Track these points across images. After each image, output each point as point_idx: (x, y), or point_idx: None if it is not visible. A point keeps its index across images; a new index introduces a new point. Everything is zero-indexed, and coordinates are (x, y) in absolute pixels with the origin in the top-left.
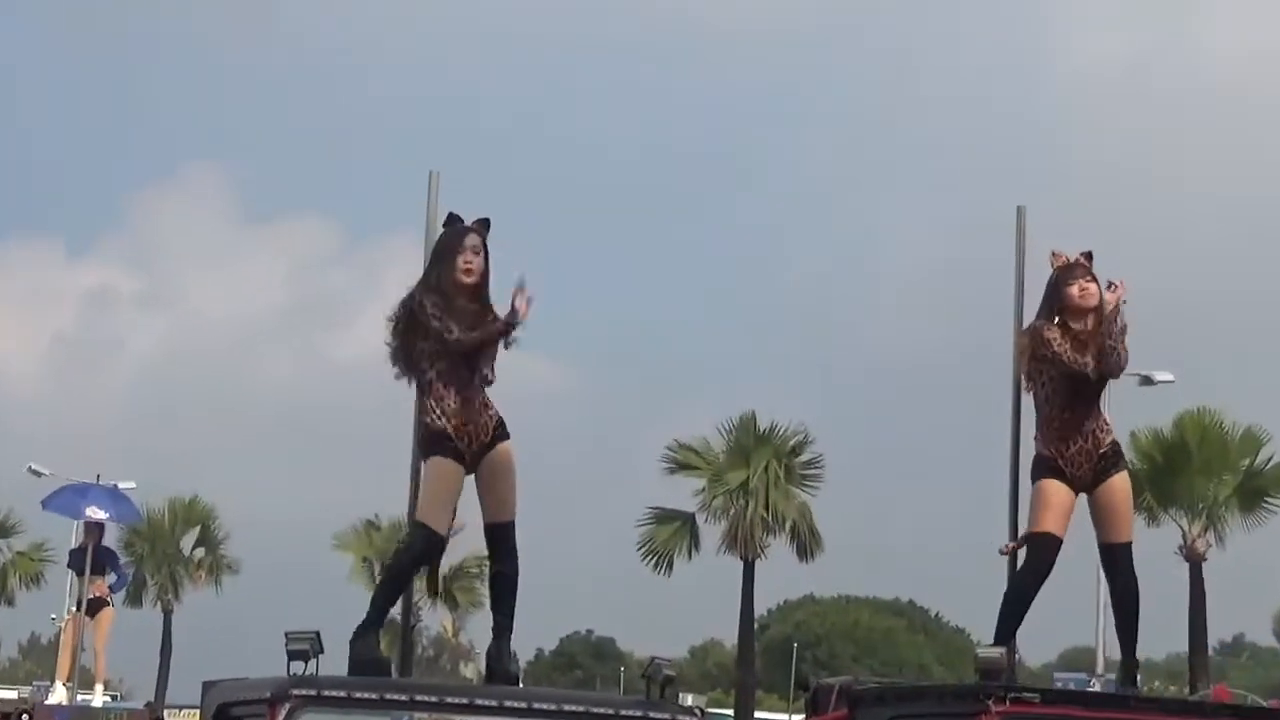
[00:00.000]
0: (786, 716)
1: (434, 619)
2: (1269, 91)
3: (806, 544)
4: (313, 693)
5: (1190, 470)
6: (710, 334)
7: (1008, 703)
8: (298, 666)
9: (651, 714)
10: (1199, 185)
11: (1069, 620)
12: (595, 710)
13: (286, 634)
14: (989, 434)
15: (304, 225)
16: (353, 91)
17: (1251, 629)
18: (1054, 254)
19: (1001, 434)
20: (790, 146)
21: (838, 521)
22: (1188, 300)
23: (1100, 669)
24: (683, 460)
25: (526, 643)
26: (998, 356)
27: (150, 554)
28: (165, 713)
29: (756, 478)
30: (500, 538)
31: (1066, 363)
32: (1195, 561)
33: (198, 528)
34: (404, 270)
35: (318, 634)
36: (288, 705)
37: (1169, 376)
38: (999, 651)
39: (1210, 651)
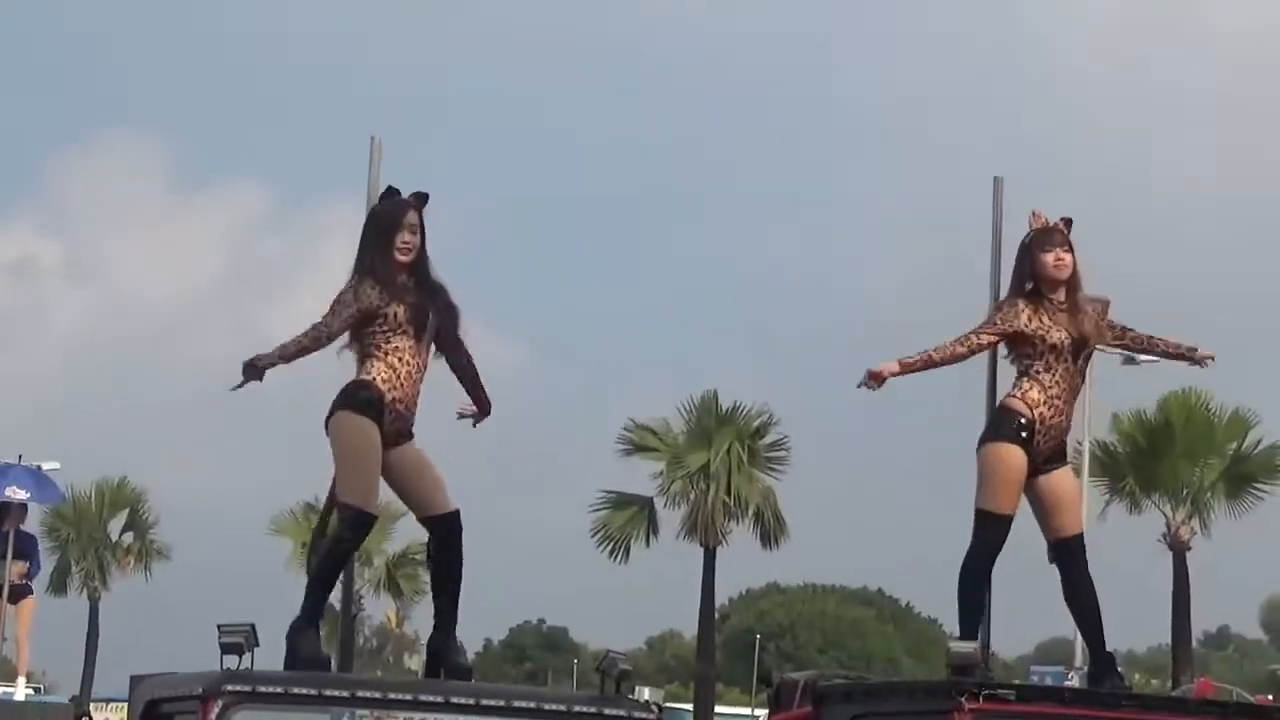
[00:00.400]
0: (749, 711)
1: (377, 608)
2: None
3: (770, 530)
4: (247, 688)
5: (1174, 454)
6: (669, 317)
7: (981, 700)
8: (231, 661)
9: (606, 710)
10: (1189, 174)
11: (1045, 611)
12: (547, 707)
13: (219, 626)
14: (961, 416)
15: (236, 191)
16: (282, 50)
17: (1237, 620)
18: (1034, 214)
19: (974, 416)
20: (779, 144)
21: (803, 507)
22: (1174, 288)
23: (1079, 662)
24: (640, 441)
25: (474, 633)
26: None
27: (76, 539)
28: (91, 706)
29: (718, 460)
30: (451, 529)
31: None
32: (1179, 550)
33: (126, 511)
34: (343, 238)
35: (252, 626)
36: (221, 702)
37: (1152, 357)
38: (972, 646)
39: (1194, 643)
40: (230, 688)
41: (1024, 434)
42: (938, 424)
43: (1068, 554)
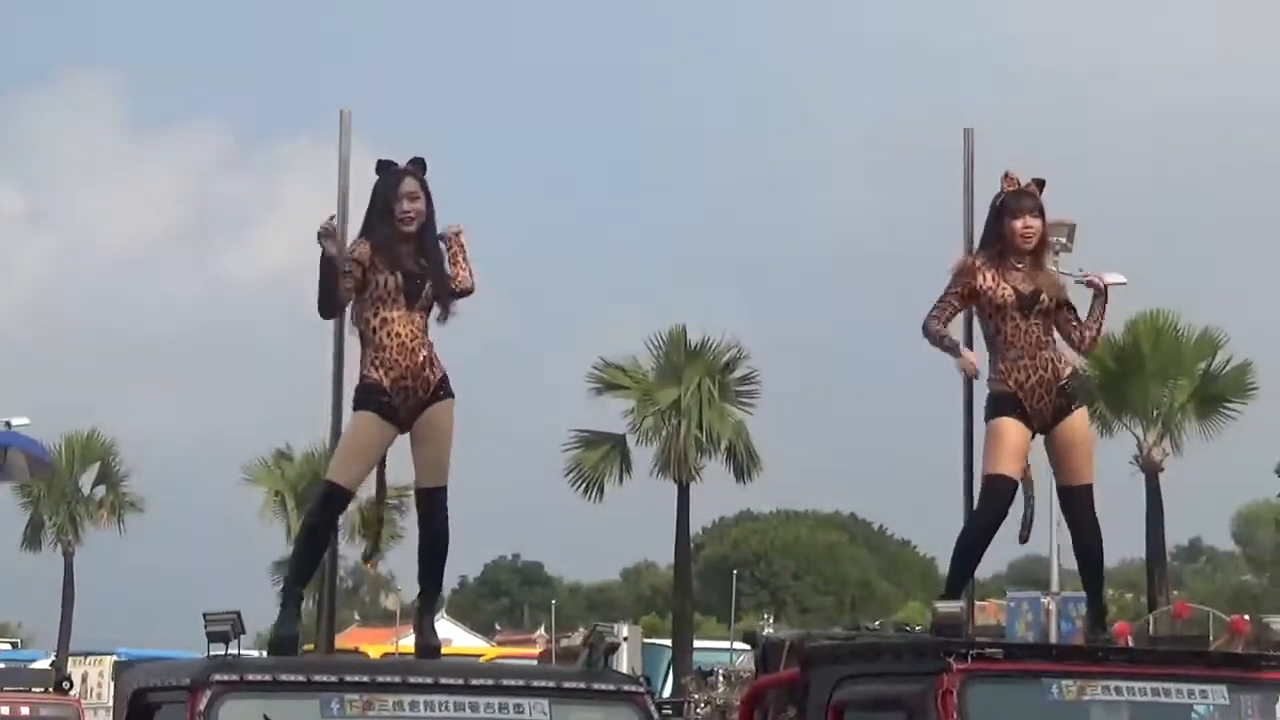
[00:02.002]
0: (727, 645)
1: (352, 550)
2: None
3: (743, 464)
4: (235, 677)
5: (1144, 376)
6: (638, 245)
7: (970, 660)
8: (218, 649)
9: (595, 685)
10: (1152, 82)
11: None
12: (536, 683)
13: (205, 615)
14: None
15: (196, 130)
16: None
17: (1209, 532)
18: (1007, 175)
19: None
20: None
21: (775, 438)
22: (1141, 200)
23: (1055, 586)
24: (610, 380)
25: (450, 570)
26: (943, 261)
27: (47, 494)
28: (69, 660)
29: (689, 396)
30: (431, 505)
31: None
32: (1152, 471)
33: (97, 464)
34: (305, 177)
35: (238, 614)
36: (209, 691)
37: (1121, 278)
38: (959, 605)
39: (1168, 558)
40: (219, 677)
41: (1015, 408)
42: (908, 349)
43: (1069, 504)
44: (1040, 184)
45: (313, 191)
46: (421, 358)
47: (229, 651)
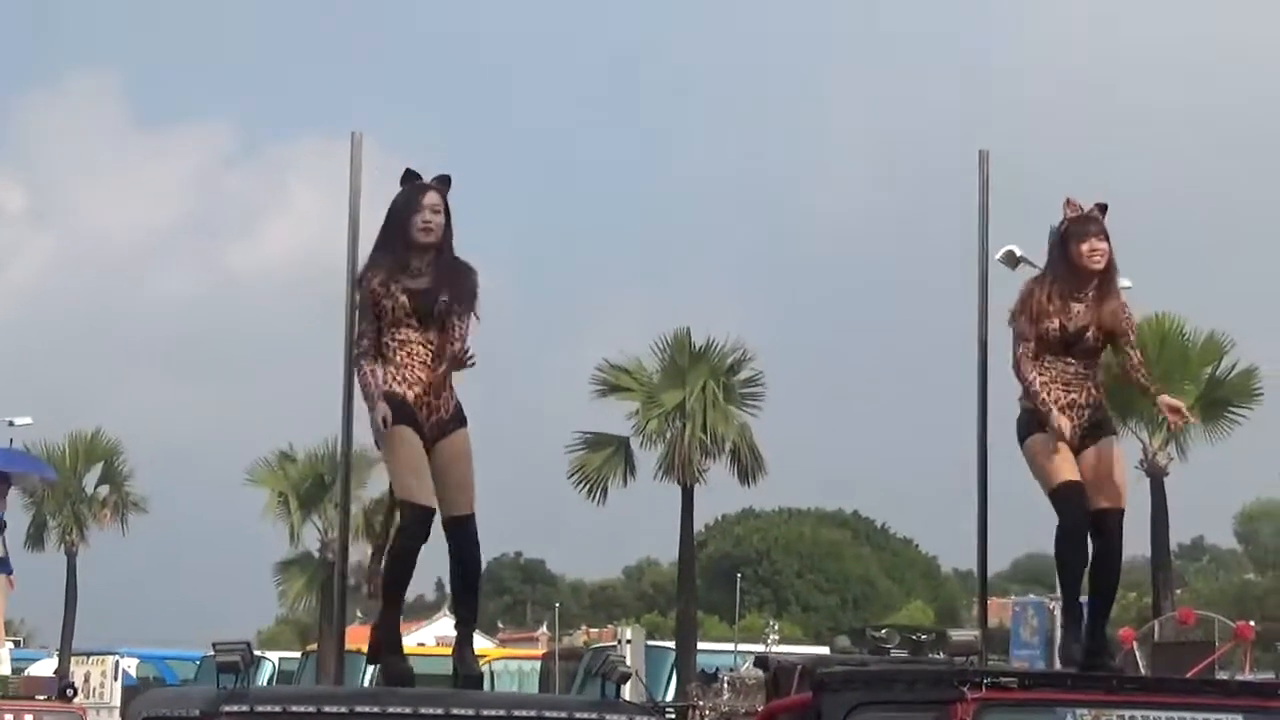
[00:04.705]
0: (731, 647)
1: (356, 549)
2: None
3: (748, 466)
4: (245, 708)
5: (1149, 380)
6: (642, 245)
7: (984, 689)
8: (228, 679)
9: (608, 715)
10: (1161, 91)
11: (1023, 525)
12: (549, 714)
13: (214, 644)
14: (934, 341)
15: (200, 130)
16: None
17: (1211, 531)
18: (1069, 201)
19: (949, 346)
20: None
21: (780, 439)
22: (1145, 203)
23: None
24: (614, 382)
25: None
26: (949, 264)
27: (51, 494)
28: (72, 660)
29: (693, 399)
30: (462, 533)
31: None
32: (1157, 476)
33: (100, 464)
34: (309, 176)
35: (249, 644)
36: None
37: (1126, 283)
38: (973, 634)
39: (1171, 559)
40: (228, 708)
41: (1041, 424)
42: (915, 347)
43: (1100, 529)
44: (1103, 208)
45: (316, 190)
46: (443, 379)
47: (238, 681)
